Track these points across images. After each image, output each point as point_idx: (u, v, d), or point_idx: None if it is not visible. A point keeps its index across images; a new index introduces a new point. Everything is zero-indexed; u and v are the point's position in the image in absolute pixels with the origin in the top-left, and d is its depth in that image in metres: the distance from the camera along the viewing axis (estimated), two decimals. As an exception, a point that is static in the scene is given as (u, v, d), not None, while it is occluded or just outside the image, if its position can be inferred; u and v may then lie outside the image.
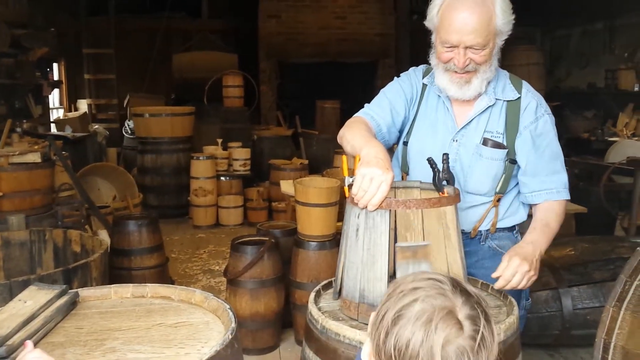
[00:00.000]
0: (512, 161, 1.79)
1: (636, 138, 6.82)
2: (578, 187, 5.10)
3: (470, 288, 0.94)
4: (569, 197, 1.83)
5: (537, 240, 1.70)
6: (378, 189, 1.42)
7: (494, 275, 1.61)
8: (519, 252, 1.64)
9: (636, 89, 8.01)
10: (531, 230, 1.76)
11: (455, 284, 0.93)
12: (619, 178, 5.22)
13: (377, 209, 1.44)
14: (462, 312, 0.89)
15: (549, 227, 1.76)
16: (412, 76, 1.92)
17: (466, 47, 1.67)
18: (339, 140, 1.76)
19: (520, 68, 8.53)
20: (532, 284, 1.63)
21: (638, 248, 1.62)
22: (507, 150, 1.78)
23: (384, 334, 0.90)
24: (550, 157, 1.81)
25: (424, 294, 0.90)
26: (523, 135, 1.78)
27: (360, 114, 1.85)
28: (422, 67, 1.93)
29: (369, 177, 1.43)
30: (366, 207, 1.45)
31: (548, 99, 1.92)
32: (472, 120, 1.80)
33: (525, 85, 1.84)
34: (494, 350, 0.89)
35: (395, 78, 1.94)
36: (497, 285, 1.61)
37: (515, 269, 1.58)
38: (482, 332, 0.88)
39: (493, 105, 1.80)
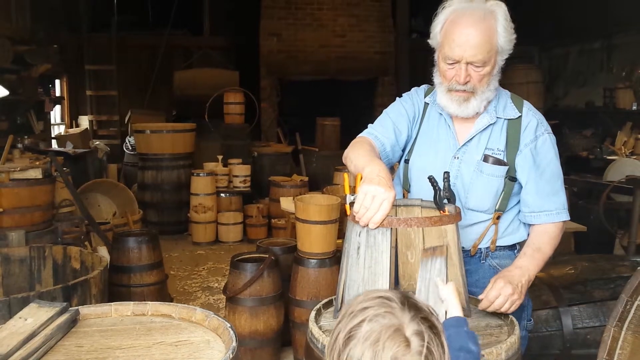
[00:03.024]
0: (511, 179, 1.81)
1: (634, 157, 6.83)
2: (577, 206, 5.12)
3: (419, 301, 0.96)
4: (568, 218, 1.84)
5: (525, 265, 1.72)
6: (380, 207, 1.43)
7: (479, 297, 1.65)
8: (506, 275, 1.67)
9: (634, 107, 8.05)
10: (521, 254, 1.79)
11: (404, 300, 0.95)
12: (618, 196, 5.23)
13: (378, 227, 1.45)
14: (409, 328, 0.90)
15: (541, 251, 1.77)
16: (414, 96, 1.94)
17: (467, 63, 1.70)
18: (343, 160, 1.78)
19: (519, 86, 8.59)
20: (515, 308, 1.65)
21: (639, 267, 1.62)
22: (507, 167, 1.79)
23: (336, 355, 0.92)
24: (551, 176, 1.82)
25: (372, 313, 0.92)
26: (523, 153, 1.80)
27: (364, 134, 1.88)
28: (423, 87, 1.96)
29: (371, 195, 1.44)
30: (367, 225, 1.45)
31: (546, 117, 1.93)
32: (473, 137, 1.82)
33: (527, 105, 1.87)
34: None
35: (398, 98, 1.96)
36: (481, 306, 1.64)
37: (499, 292, 1.62)
38: (429, 347, 0.90)
39: (494, 123, 1.82)
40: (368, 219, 1.44)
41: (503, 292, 1.61)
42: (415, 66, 8.74)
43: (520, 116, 1.82)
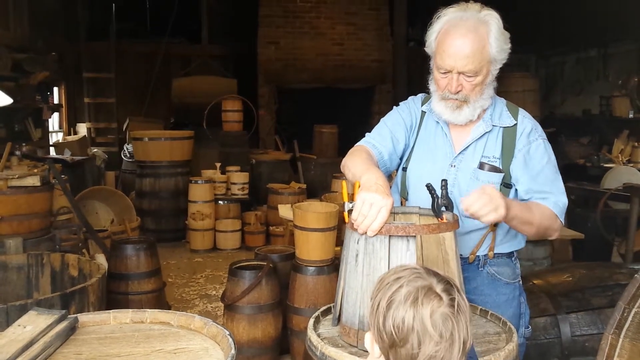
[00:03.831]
0: (506, 185, 1.82)
1: (631, 164, 6.86)
2: (575, 213, 5.13)
3: (438, 271, 1.14)
4: (562, 219, 1.81)
5: (514, 205, 1.66)
6: (378, 215, 1.44)
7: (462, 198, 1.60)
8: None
9: (630, 115, 8.10)
10: (515, 202, 1.73)
11: (428, 269, 1.13)
12: (615, 204, 5.24)
13: (376, 234, 1.46)
14: (439, 287, 1.08)
15: (531, 212, 1.73)
16: (411, 104, 1.96)
17: (459, 73, 1.71)
18: (341, 169, 1.79)
19: (516, 94, 8.62)
20: (487, 218, 1.58)
21: (636, 275, 1.63)
22: (503, 174, 1.80)
23: (381, 319, 1.07)
24: (544, 181, 1.81)
25: (406, 280, 1.09)
26: (517, 158, 1.81)
27: (362, 142, 1.89)
28: (420, 95, 1.98)
29: (369, 203, 1.45)
30: (366, 232, 1.46)
31: (543, 125, 1.95)
32: (469, 145, 1.84)
33: (522, 112, 1.88)
34: (467, 314, 1.08)
35: (395, 107, 1.98)
36: (464, 202, 1.58)
37: (489, 196, 1.56)
38: (458, 300, 1.07)
39: (490, 131, 1.84)
40: (366, 226, 1.45)
41: (494, 202, 1.55)
42: (413, 74, 8.78)
43: (515, 124, 1.84)
